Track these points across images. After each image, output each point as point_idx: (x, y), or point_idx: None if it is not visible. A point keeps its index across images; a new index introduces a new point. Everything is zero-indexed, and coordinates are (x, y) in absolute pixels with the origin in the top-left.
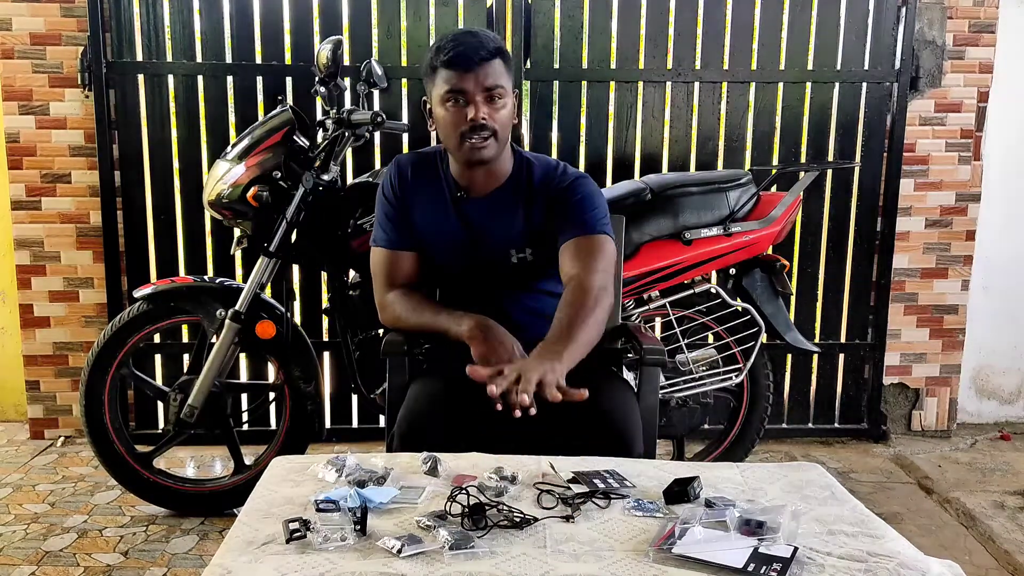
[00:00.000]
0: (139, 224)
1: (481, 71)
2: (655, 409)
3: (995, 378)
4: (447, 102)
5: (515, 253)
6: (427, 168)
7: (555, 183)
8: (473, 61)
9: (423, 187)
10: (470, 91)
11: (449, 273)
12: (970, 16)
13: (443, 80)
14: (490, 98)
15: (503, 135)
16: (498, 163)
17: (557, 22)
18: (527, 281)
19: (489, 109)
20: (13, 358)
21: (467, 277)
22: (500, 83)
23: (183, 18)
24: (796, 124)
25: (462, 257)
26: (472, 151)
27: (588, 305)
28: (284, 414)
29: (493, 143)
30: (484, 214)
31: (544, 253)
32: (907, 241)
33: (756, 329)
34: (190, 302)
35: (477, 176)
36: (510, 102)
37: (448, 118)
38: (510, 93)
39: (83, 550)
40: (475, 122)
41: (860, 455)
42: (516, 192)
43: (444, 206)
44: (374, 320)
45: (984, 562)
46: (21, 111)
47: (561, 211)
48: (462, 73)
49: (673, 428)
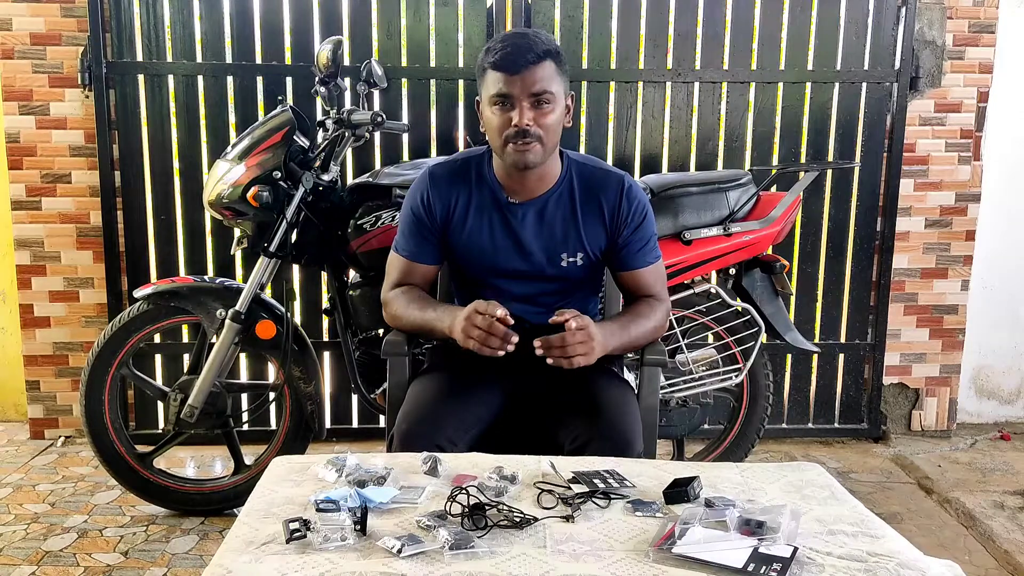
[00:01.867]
0: (139, 224)
1: (528, 75)
2: (655, 409)
3: (995, 378)
4: (494, 105)
5: (566, 257)
6: (465, 175)
7: (616, 203)
8: (520, 64)
9: (463, 194)
10: (515, 95)
11: (491, 278)
12: (970, 16)
13: (491, 82)
14: (537, 103)
15: (549, 140)
16: (544, 168)
17: (557, 22)
18: (572, 286)
19: (535, 114)
20: (13, 358)
21: (511, 282)
22: (548, 88)
23: (183, 18)
24: (796, 124)
25: (509, 261)
26: (516, 155)
27: (659, 322)
28: (284, 414)
29: (538, 148)
30: (534, 219)
31: (593, 259)
32: (907, 241)
33: (756, 329)
34: (190, 302)
35: (524, 180)
36: (559, 107)
37: (494, 121)
38: (560, 97)
39: (83, 550)
40: (519, 128)
41: (860, 455)
42: (568, 196)
43: (489, 212)
44: (374, 320)
45: (984, 562)
46: (21, 111)
47: (630, 234)
48: (508, 76)
49: (673, 428)
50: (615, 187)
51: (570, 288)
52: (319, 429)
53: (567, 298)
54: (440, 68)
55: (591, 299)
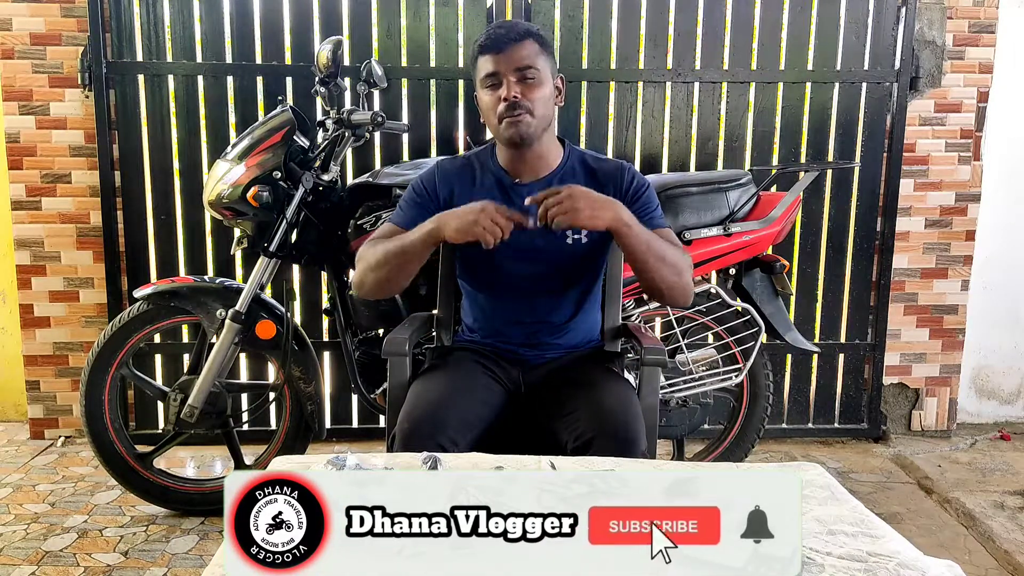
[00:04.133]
0: (139, 224)
1: (513, 52)
2: (655, 409)
3: (995, 378)
4: (486, 87)
5: (571, 234)
6: (471, 166)
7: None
8: (503, 42)
9: (469, 183)
10: (502, 71)
11: (497, 257)
12: (970, 16)
13: (481, 67)
14: (523, 78)
15: (540, 112)
16: (543, 147)
17: (557, 22)
18: (577, 263)
19: (522, 88)
20: (13, 358)
21: (517, 262)
22: (532, 64)
23: (183, 18)
24: (796, 124)
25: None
26: (509, 129)
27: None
28: (284, 414)
29: (529, 119)
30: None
31: (597, 236)
32: (907, 241)
33: (756, 329)
34: (190, 302)
35: (525, 160)
36: (547, 84)
37: (487, 101)
38: (547, 75)
39: (83, 550)
40: (507, 100)
41: (860, 455)
42: (571, 178)
43: (493, 194)
44: (374, 320)
45: (984, 562)
46: (21, 111)
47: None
48: (494, 56)
49: (673, 428)
50: (616, 169)
51: (576, 265)
52: (319, 429)
53: (573, 276)
54: (440, 68)
55: (597, 277)
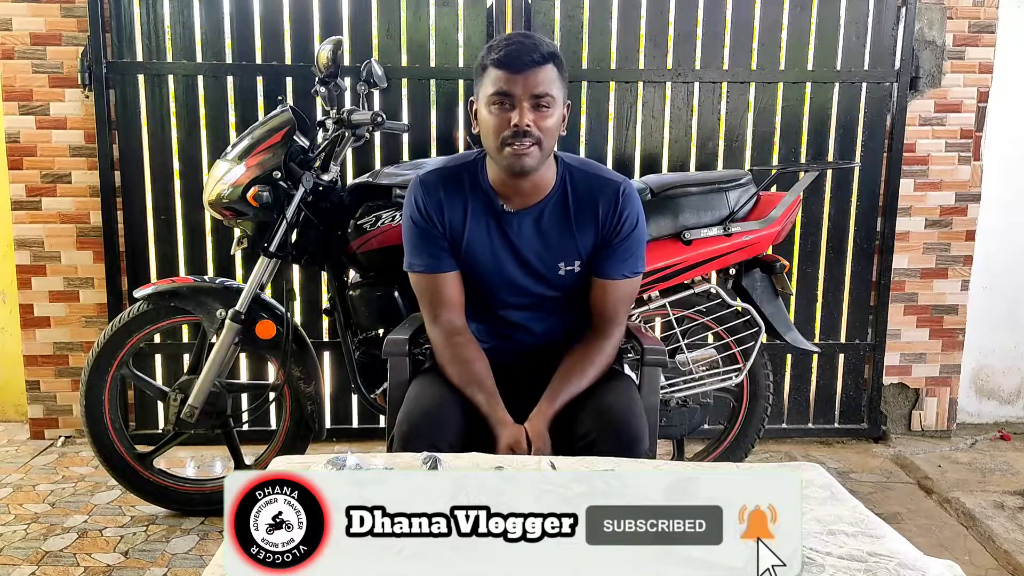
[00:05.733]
0: (139, 224)
1: (531, 75)
2: (655, 409)
3: (995, 378)
4: (493, 104)
5: (563, 266)
6: (458, 182)
7: (610, 211)
8: (524, 63)
9: (458, 202)
10: (517, 95)
11: (492, 286)
12: (970, 16)
13: (491, 81)
14: (537, 105)
15: (547, 145)
16: (539, 176)
17: (557, 22)
18: (572, 292)
19: (535, 116)
20: (13, 358)
21: (511, 290)
22: (549, 91)
23: (183, 18)
24: (796, 124)
25: (508, 271)
26: (513, 158)
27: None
28: (284, 414)
29: (536, 152)
30: (530, 229)
31: (587, 264)
32: (907, 241)
33: (756, 329)
34: (190, 302)
35: (519, 186)
36: (558, 111)
37: (492, 121)
38: (560, 102)
39: (83, 550)
40: (519, 128)
41: (860, 455)
42: (563, 205)
43: (486, 219)
44: (374, 320)
45: (984, 562)
46: (21, 111)
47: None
48: (511, 75)
49: (673, 428)
50: (611, 195)
51: (570, 294)
52: (319, 429)
53: (568, 304)
54: (440, 68)
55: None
